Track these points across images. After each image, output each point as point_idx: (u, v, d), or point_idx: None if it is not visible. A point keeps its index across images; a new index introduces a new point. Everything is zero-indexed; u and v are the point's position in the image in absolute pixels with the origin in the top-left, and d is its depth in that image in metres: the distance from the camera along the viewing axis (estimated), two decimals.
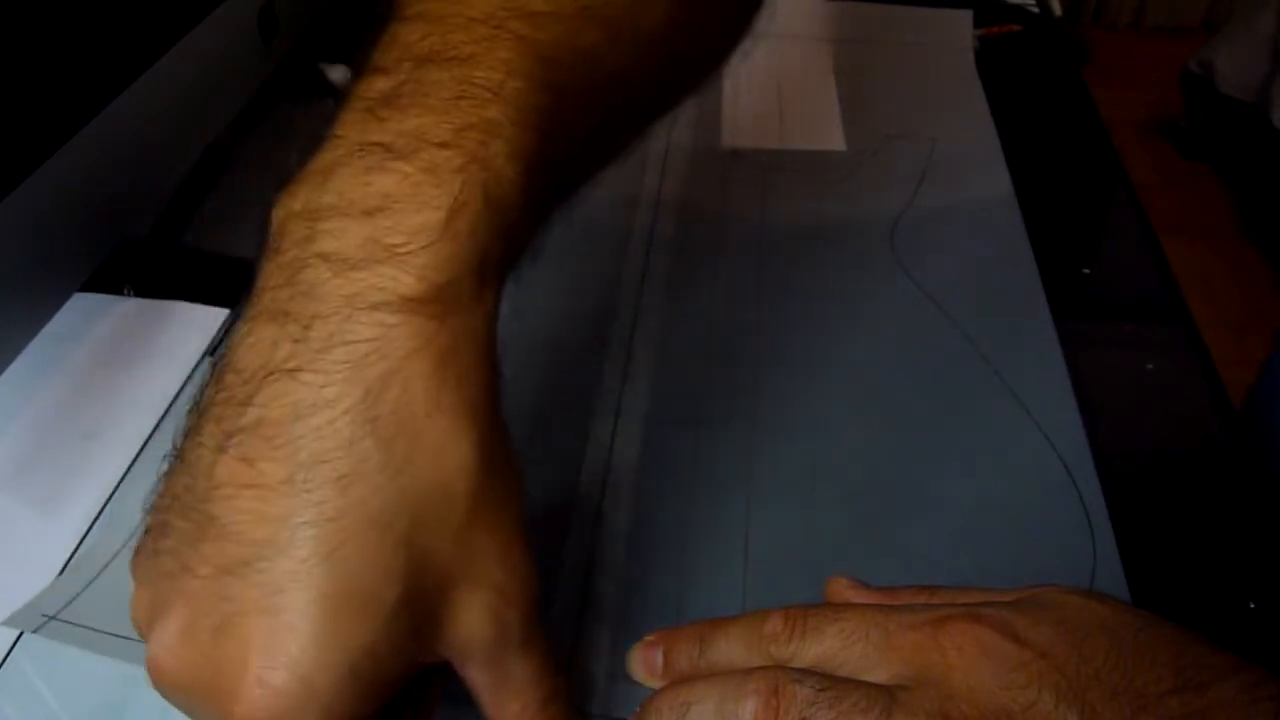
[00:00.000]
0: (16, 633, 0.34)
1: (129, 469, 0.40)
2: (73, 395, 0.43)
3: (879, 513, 0.39)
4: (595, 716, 0.33)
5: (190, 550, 0.24)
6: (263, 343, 0.24)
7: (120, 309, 0.48)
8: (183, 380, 0.44)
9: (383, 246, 0.24)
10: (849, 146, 0.61)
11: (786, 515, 0.39)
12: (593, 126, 0.30)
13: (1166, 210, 1.86)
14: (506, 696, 0.27)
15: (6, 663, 0.34)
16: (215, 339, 0.46)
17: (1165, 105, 2.18)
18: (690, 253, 0.52)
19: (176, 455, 0.25)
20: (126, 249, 0.51)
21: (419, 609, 0.24)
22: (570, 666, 0.34)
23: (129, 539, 0.37)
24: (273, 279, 0.25)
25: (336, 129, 0.26)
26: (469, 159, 0.25)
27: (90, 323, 0.47)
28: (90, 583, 0.35)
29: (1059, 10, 0.79)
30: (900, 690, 0.26)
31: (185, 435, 0.25)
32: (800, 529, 0.38)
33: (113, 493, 0.39)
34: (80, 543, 0.37)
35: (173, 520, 0.24)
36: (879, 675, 0.27)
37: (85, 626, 0.34)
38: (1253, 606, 0.37)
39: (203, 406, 0.25)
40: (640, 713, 0.29)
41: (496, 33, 0.27)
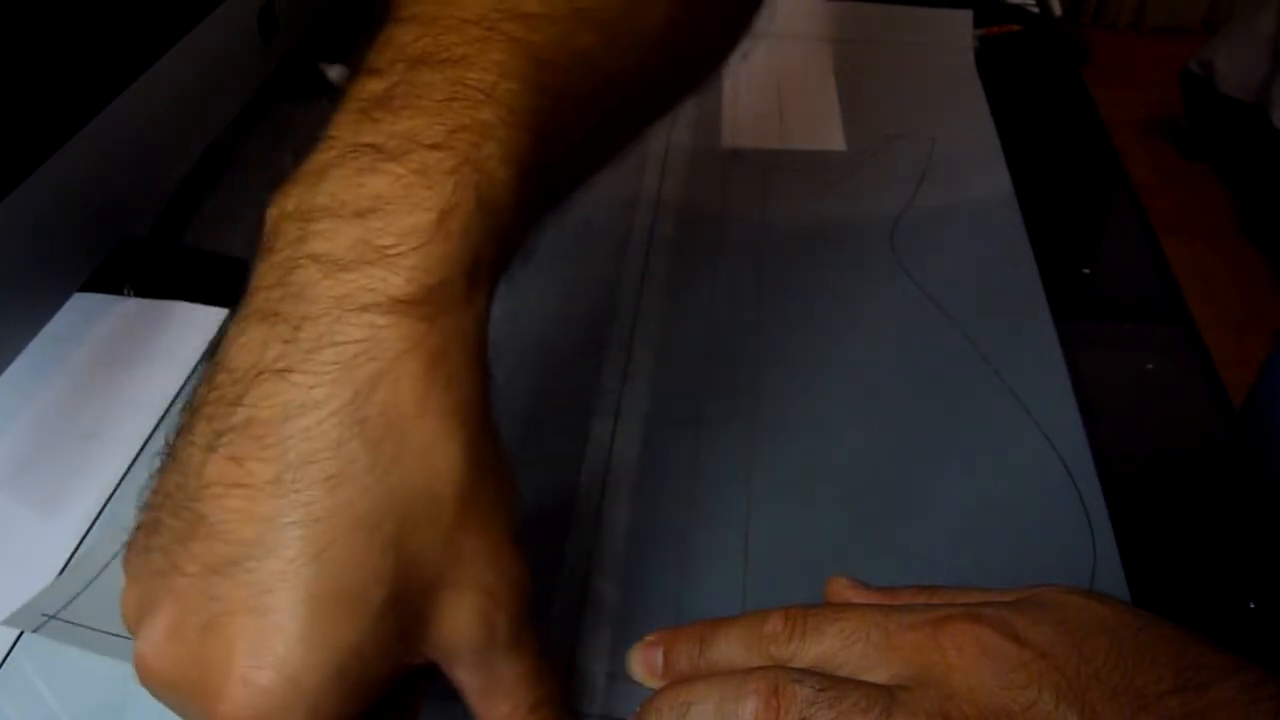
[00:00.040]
0: (16, 633, 0.34)
1: (129, 469, 0.40)
2: (73, 395, 0.43)
3: (879, 513, 0.39)
4: (595, 716, 0.33)
5: (179, 548, 0.24)
6: (254, 342, 0.24)
7: (120, 309, 0.48)
8: (183, 380, 0.44)
9: (373, 248, 0.24)
10: (849, 146, 0.61)
11: (786, 515, 0.39)
12: (589, 128, 0.30)
13: (1166, 210, 1.86)
14: (496, 699, 0.26)
15: (6, 663, 0.34)
16: (215, 339, 0.46)
17: (1165, 105, 2.18)
18: (690, 253, 0.52)
19: (169, 453, 0.25)
20: (126, 249, 0.51)
21: (406, 610, 0.24)
22: (570, 666, 0.34)
23: (129, 539, 0.37)
24: (265, 279, 0.25)
25: (330, 130, 0.26)
26: (461, 161, 0.25)
27: (90, 323, 0.47)
28: (90, 583, 0.35)
29: (1059, 10, 0.79)
30: (900, 690, 0.26)
31: (178, 433, 0.25)
32: (800, 529, 0.38)
33: (113, 493, 0.39)
34: (80, 543, 0.37)
35: (164, 518, 0.24)
36: (879, 675, 0.27)
37: (85, 626, 0.34)
38: (1253, 606, 0.37)
39: (195, 405, 0.25)
40: (640, 713, 0.29)
41: (489, 34, 0.27)
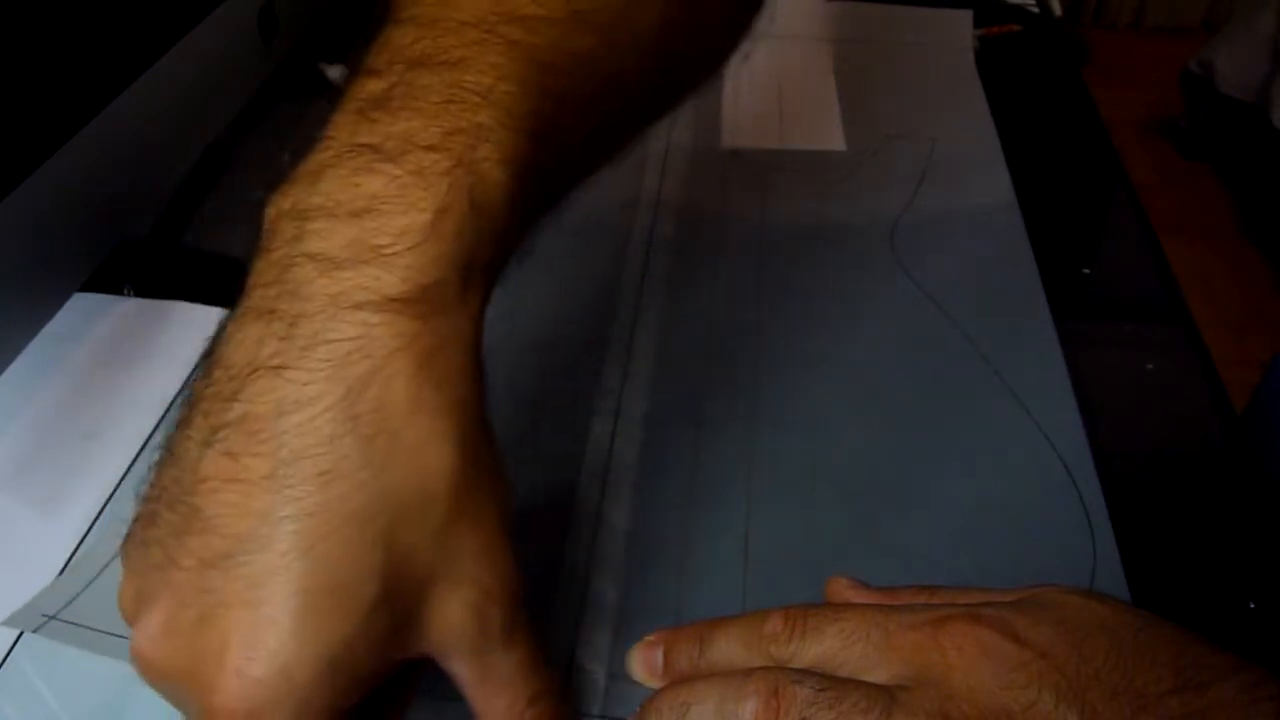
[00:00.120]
0: (16, 633, 0.34)
1: (129, 469, 0.40)
2: (73, 395, 0.43)
3: (879, 513, 0.39)
4: (595, 716, 0.33)
5: (175, 542, 0.24)
6: (250, 339, 0.24)
7: (120, 309, 0.48)
8: (182, 380, 0.44)
9: (368, 247, 0.24)
10: (849, 146, 0.61)
11: (786, 515, 0.39)
12: (588, 130, 0.30)
13: (1166, 210, 1.86)
14: (493, 692, 0.27)
15: (6, 663, 0.34)
16: (212, 335, 0.46)
17: (1165, 105, 2.18)
18: (690, 253, 0.52)
19: (167, 447, 0.25)
20: (126, 249, 0.51)
21: (399, 605, 0.24)
22: (570, 666, 0.34)
23: (127, 532, 0.37)
24: (261, 277, 0.25)
25: (328, 130, 0.27)
26: (456, 162, 0.25)
27: (90, 323, 0.47)
28: (90, 583, 0.35)
29: (1059, 10, 0.79)
30: (900, 690, 0.26)
31: (175, 427, 0.25)
32: (800, 529, 0.38)
33: (113, 493, 0.39)
34: (80, 543, 0.37)
35: (160, 511, 0.24)
36: (879, 675, 0.27)
37: (85, 626, 0.34)
38: (1253, 606, 0.37)
39: (192, 400, 0.25)
40: (640, 713, 0.29)
41: (487, 37, 0.27)
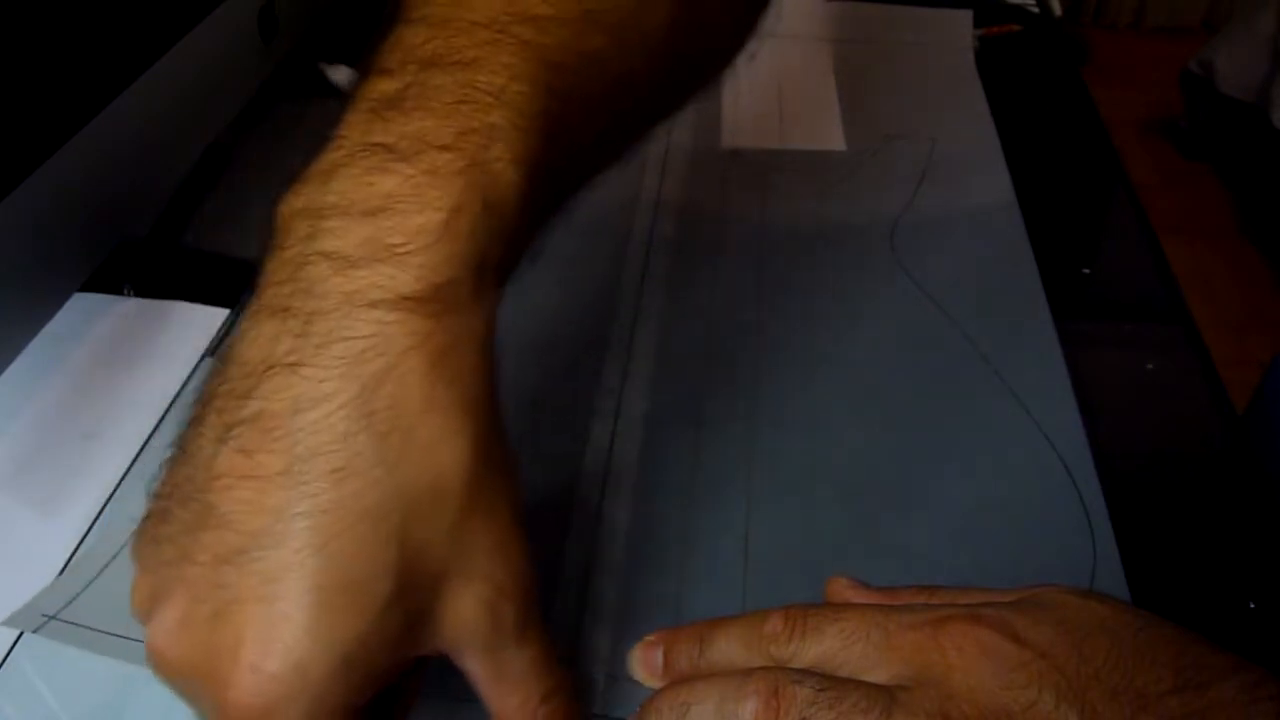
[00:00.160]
0: (16, 633, 0.34)
1: (129, 469, 0.40)
2: (73, 395, 0.43)
3: (879, 513, 0.39)
4: (595, 716, 0.33)
5: (190, 539, 0.24)
6: (264, 337, 0.24)
7: (120, 309, 0.48)
8: (183, 380, 0.44)
9: (383, 246, 0.24)
10: (849, 146, 0.61)
11: (786, 515, 0.39)
12: (598, 130, 0.30)
13: (1166, 210, 1.86)
14: (506, 689, 0.27)
15: (6, 663, 0.34)
16: (215, 339, 0.46)
17: (1165, 105, 2.18)
18: (690, 253, 0.52)
19: (179, 445, 0.25)
20: (126, 249, 0.51)
21: (413, 602, 0.24)
22: (570, 666, 0.34)
23: (129, 539, 0.37)
24: (276, 275, 0.25)
25: (341, 129, 0.27)
26: (469, 162, 0.25)
27: (90, 323, 0.47)
28: (90, 583, 0.35)
29: (1059, 10, 0.79)
30: (900, 690, 0.26)
31: (188, 425, 0.25)
32: (800, 529, 0.38)
33: (113, 493, 0.39)
34: (80, 543, 0.37)
35: (174, 508, 0.24)
36: (879, 675, 0.27)
37: (85, 626, 0.34)
38: (1253, 606, 0.37)
39: (206, 398, 0.25)
40: (640, 713, 0.29)
41: (499, 37, 0.27)
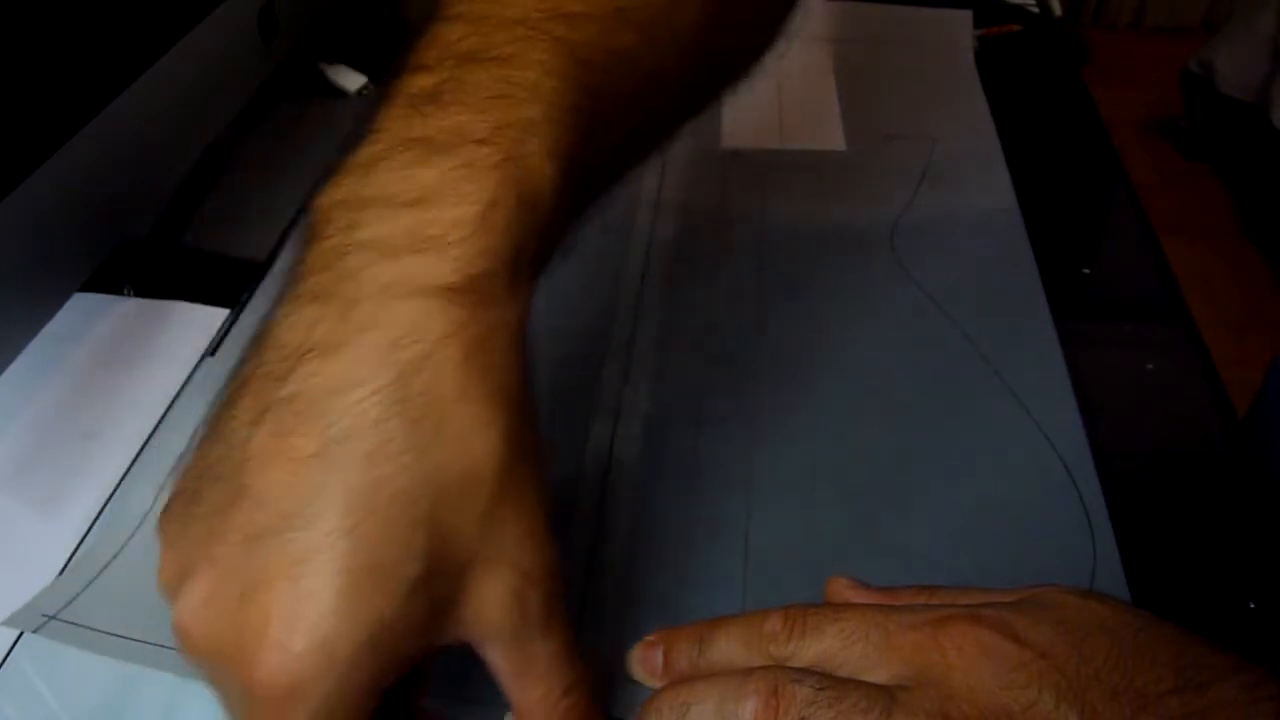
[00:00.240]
0: (16, 633, 0.34)
1: (129, 469, 0.40)
2: (73, 395, 0.43)
3: (879, 513, 0.39)
4: None
5: (220, 518, 0.24)
6: (303, 322, 0.25)
7: (120, 309, 0.48)
8: (183, 380, 0.44)
9: (421, 237, 0.25)
10: (849, 146, 0.61)
11: (786, 515, 0.39)
12: (630, 127, 0.31)
13: (1166, 210, 1.86)
14: (529, 680, 0.27)
15: (6, 663, 0.34)
16: (215, 339, 0.46)
17: (1165, 105, 2.18)
18: (690, 253, 0.52)
19: (210, 426, 0.26)
20: (126, 249, 0.51)
21: (440, 588, 0.24)
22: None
23: (129, 539, 0.37)
24: (315, 264, 0.26)
25: (378, 124, 0.27)
26: (505, 156, 0.26)
27: (90, 323, 0.47)
28: (90, 583, 0.35)
29: (1059, 10, 0.79)
30: (900, 690, 0.26)
31: (221, 408, 0.26)
32: (800, 529, 0.38)
33: (113, 493, 0.39)
34: (80, 543, 0.37)
35: (204, 488, 0.25)
36: (879, 675, 0.27)
37: (85, 626, 0.34)
38: (1253, 606, 0.37)
39: (240, 381, 0.25)
40: (640, 713, 0.29)
41: (533, 33, 0.28)
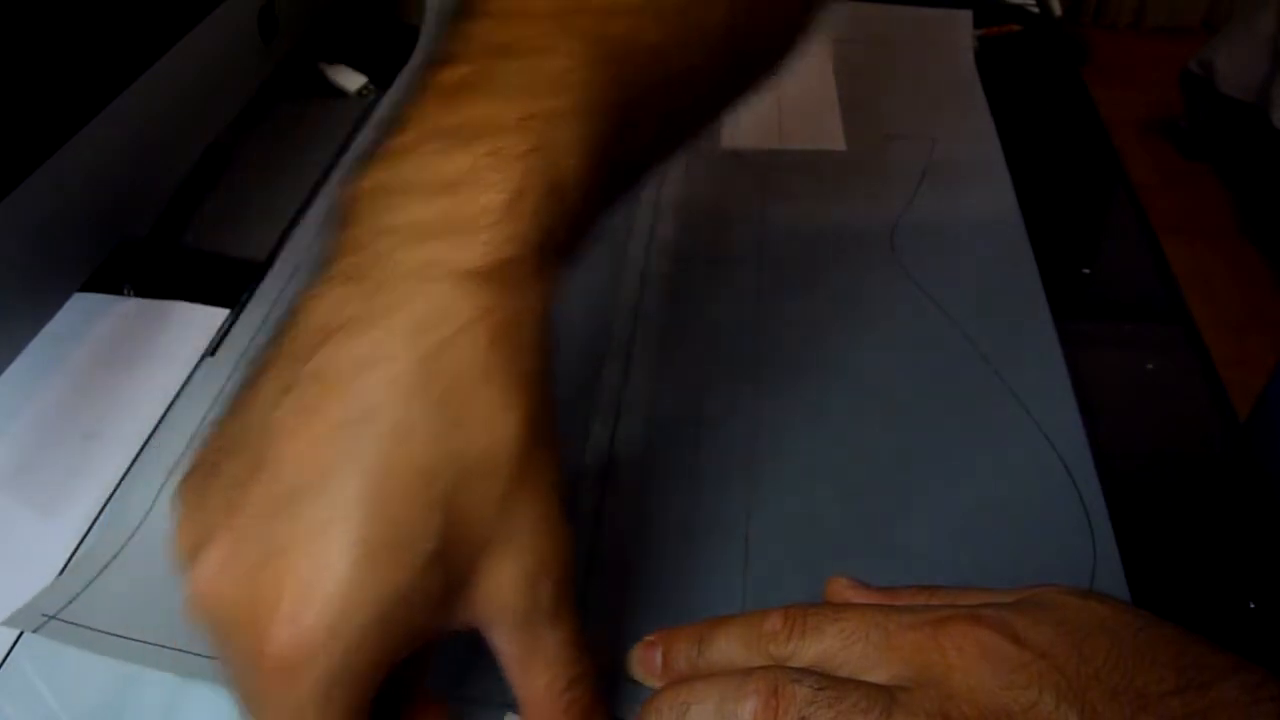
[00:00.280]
0: (16, 633, 0.34)
1: (129, 469, 0.40)
2: (73, 395, 0.43)
3: (879, 513, 0.39)
4: None
5: (239, 490, 0.24)
6: (332, 302, 0.25)
7: (120, 309, 0.48)
8: (183, 380, 0.44)
9: (450, 223, 0.25)
10: (849, 146, 0.61)
11: (786, 515, 0.39)
12: (658, 123, 0.31)
13: (1166, 210, 1.86)
14: (535, 668, 0.27)
15: (6, 663, 0.34)
16: (215, 339, 0.46)
17: (1165, 105, 2.18)
18: (690, 253, 0.52)
19: (233, 401, 0.26)
20: (126, 249, 0.51)
21: (453, 567, 0.25)
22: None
23: (129, 539, 0.37)
24: (344, 248, 0.26)
25: (407, 114, 0.28)
26: (533, 146, 0.26)
27: (90, 323, 0.47)
28: (90, 583, 0.35)
29: (1059, 10, 0.79)
30: (900, 690, 0.26)
31: (244, 386, 0.26)
32: (800, 529, 0.38)
33: (113, 493, 0.39)
34: (80, 543, 0.37)
35: (223, 461, 0.25)
36: (879, 675, 0.27)
37: (85, 626, 0.34)
38: (1253, 606, 0.37)
39: (264, 361, 0.26)
40: (640, 713, 0.29)
41: (563, 28, 0.28)
